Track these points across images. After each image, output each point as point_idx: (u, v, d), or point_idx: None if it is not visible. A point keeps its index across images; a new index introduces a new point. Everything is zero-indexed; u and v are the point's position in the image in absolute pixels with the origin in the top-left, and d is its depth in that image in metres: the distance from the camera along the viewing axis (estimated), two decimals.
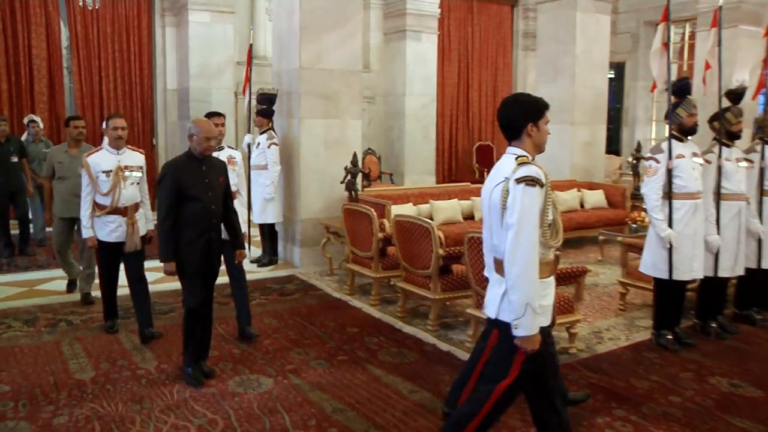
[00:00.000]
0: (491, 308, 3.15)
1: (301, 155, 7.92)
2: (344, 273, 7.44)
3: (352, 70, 8.15)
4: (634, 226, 7.99)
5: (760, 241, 5.98)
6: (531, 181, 3.01)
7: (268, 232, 8.19)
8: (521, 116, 3.25)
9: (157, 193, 4.71)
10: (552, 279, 3.28)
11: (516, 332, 2.96)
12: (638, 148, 11.82)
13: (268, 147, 7.85)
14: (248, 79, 8.37)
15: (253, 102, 8.21)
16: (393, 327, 5.91)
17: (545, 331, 3.10)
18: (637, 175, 10.93)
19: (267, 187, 7.88)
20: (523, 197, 2.98)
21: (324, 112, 7.99)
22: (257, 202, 7.97)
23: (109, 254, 5.51)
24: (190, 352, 4.62)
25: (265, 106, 7.94)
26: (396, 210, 7.36)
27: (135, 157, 5.56)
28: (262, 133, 7.97)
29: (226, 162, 5.21)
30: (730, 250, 5.71)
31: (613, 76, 16.09)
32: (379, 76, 13.15)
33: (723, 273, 5.73)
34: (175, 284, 5.05)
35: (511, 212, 2.99)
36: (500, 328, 3.10)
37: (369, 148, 12.27)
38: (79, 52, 11.01)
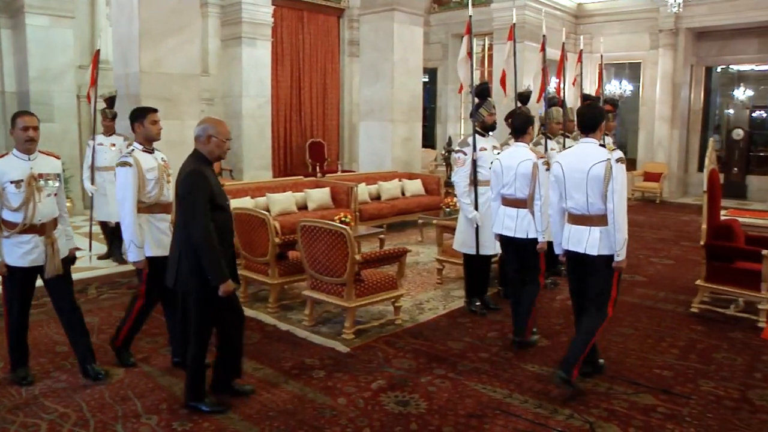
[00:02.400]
0: (593, 248, 4.09)
1: None
2: None
3: (190, 73, 7.87)
4: (447, 210, 8.31)
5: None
6: (624, 160, 4.07)
7: (119, 228, 7.67)
8: (600, 118, 4.21)
9: (184, 206, 3.67)
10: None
11: (618, 258, 4.03)
12: (449, 143, 12.41)
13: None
14: (94, 82, 7.81)
15: (101, 105, 7.69)
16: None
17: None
18: (449, 165, 11.45)
19: None
20: (623, 172, 4.02)
21: (164, 113, 7.54)
22: (113, 201, 7.41)
23: (21, 282, 4.11)
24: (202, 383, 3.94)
25: (116, 109, 7.50)
26: (235, 203, 7.21)
27: (50, 163, 4.20)
28: (111, 135, 7.47)
29: (164, 165, 4.53)
30: None
31: (427, 80, 16.76)
32: (217, 79, 12.82)
33: None
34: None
35: (616, 182, 3.98)
36: (601, 260, 4.08)
37: None
38: None
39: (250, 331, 5.27)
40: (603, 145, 4.19)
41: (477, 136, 5.75)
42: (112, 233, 7.51)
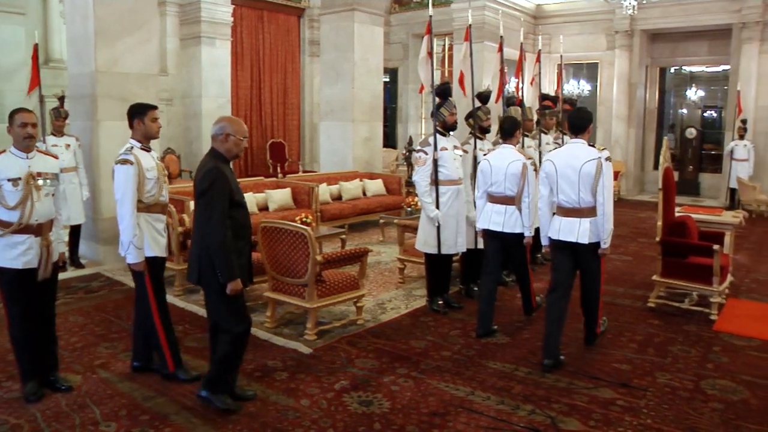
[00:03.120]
0: (584, 237, 4.54)
1: (101, 156, 7.36)
2: None
3: (148, 73, 7.74)
4: (408, 209, 8.35)
5: None
6: (611, 159, 4.61)
7: (74, 232, 7.50)
8: (588, 121, 4.68)
9: (202, 203, 3.69)
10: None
11: (604, 245, 4.55)
12: (410, 142, 12.46)
13: (79, 147, 7.24)
14: (37, 80, 7.59)
15: (54, 104, 7.50)
16: (197, 314, 5.73)
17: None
18: (410, 165, 11.49)
19: (85, 187, 7.24)
20: (611, 169, 4.53)
21: (122, 114, 7.34)
22: (73, 204, 7.23)
23: (16, 285, 3.89)
24: (227, 379, 3.91)
25: (68, 109, 7.33)
26: (194, 205, 7.12)
27: (49, 162, 4.09)
28: (63, 136, 7.27)
29: (162, 165, 4.46)
30: None
31: (388, 79, 16.81)
32: (176, 79, 12.63)
33: (481, 245, 6.22)
34: None
35: (606, 178, 4.45)
36: (591, 247, 4.57)
37: (168, 148, 11.77)
38: None
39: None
40: (592, 145, 4.62)
41: (438, 135, 5.78)
42: (72, 237, 7.36)
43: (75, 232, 7.40)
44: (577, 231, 4.57)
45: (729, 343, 5.14)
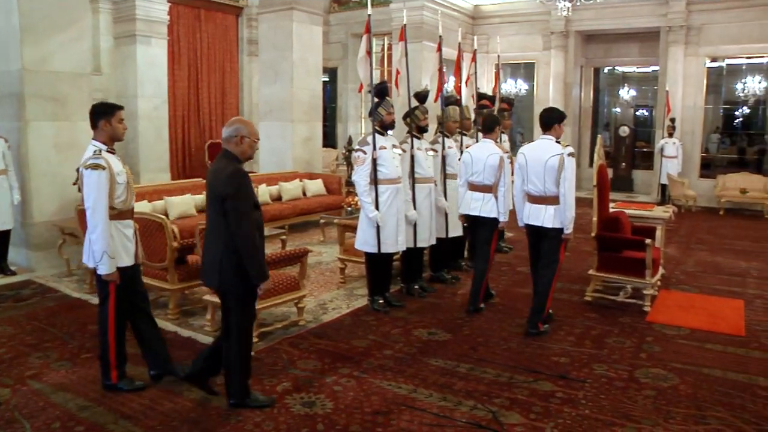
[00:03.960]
0: (548, 222, 5.14)
1: (30, 158, 7.10)
2: (83, 273, 6.85)
3: (80, 72, 7.50)
4: (349, 209, 8.34)
5: (446, 216, 6.69)
6: (574, 155, 5.14)
7: (2, 238, 7.19)
8: (556, 118, 5.22)
9: (228, 207, 3.60)
10: None
11: (566, 231, 5.13)
12: (350, 142, 12.46)
13: (8, 149, 6.93)
14: None
15: None
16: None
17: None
18: (350, 165, 11.48)
19: (15, 191, 6.94)
20: (573, 164, 5.09)
21: (53, 114, 7.24)
22: (2, 208, 6.93)
23: None
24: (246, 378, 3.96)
25: None
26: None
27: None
28: None
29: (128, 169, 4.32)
30: (425, 224, 6.29)
31: (327, 79, 16.76)
32: (110, 78, 12.24)
33: (421, 243, 6.30)
34: None
35: (567, 171, 5.04)
36: (553, 231, 5.14)
37: None
38: None
39: None
40: (559, 142, 5.19)
41: (377, 135, 5.80)
42: (0, 243, 7.06)
43: (4, 237, 7.10)
44: (542, 216, 5.19)
45: (661, 333, 5.35)
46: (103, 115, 4.08)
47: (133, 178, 4.30)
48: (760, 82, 14.00)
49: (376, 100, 5.90)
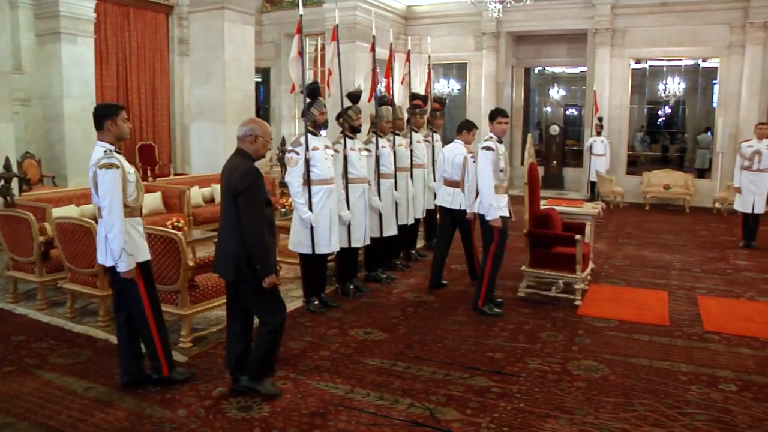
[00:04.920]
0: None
1: None
2: (5, 281, 6.56)
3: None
4: (283, 210, 8.27)
5: (380, 215, 6.73)
6: (489, 148, 5.68)
7: None
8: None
9: (241, 203, 3.81)
10: (504, 195, 5.92)
11: (488, 218, 5.68)
12: (283, 143, 12.37)
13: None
14: None
15: None
16: (63, 328, 5.40)
17: (504, 218, 5.80)
18: (283, 166, 11.39)
19: None
20: (484, 157, 5.66)
21: None
22: None
23: None
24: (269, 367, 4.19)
25: None
26: (57, 212, 6.69)
27: None
28: None
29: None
30: (359, 224, 6.31)
31: (260, 79, 16.58)
32: (33, 78, 11.69)
33: (355, 243, 6.31)
34: None
35: (479, 165, 5.69)
36: (483, 218, 5.74)
37: (27, 152, 10.89)
38: None
39: (79, 348, 4.95)
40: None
41: (309, 135, 5.78)
42: None
43: None
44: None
45: (591, 325, 5.53)
46: (108, 116, 4.17)
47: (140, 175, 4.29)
48: (679, 83, 14.66)
49: (308, 100, 5.88)
